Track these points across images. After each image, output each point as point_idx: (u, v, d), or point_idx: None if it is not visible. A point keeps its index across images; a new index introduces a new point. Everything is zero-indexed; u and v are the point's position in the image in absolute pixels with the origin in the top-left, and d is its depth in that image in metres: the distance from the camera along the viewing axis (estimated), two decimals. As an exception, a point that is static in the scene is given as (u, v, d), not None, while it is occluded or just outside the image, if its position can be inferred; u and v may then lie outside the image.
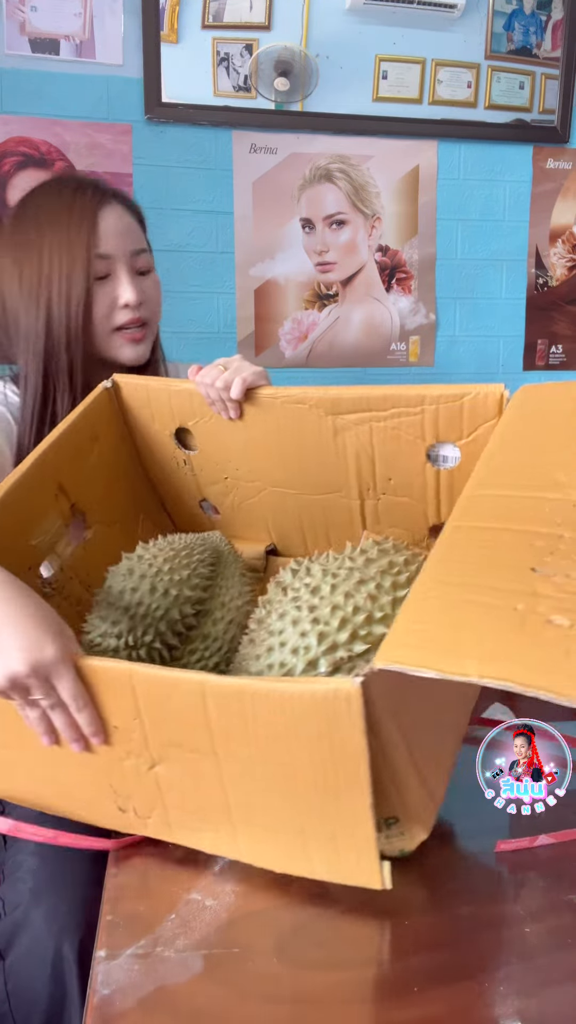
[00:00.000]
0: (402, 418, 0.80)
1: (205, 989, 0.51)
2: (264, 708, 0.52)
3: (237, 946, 0.54)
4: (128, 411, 0.94)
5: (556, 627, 0.45)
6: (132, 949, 0.54)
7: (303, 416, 0.84)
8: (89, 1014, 0.49)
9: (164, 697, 0.56)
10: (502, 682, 0.43)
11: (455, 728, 0.68)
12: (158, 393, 0.91)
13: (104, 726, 0.60)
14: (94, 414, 0.90)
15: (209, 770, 0.57)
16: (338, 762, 0.52)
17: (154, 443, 0.95)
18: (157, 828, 0.63)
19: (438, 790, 0.62)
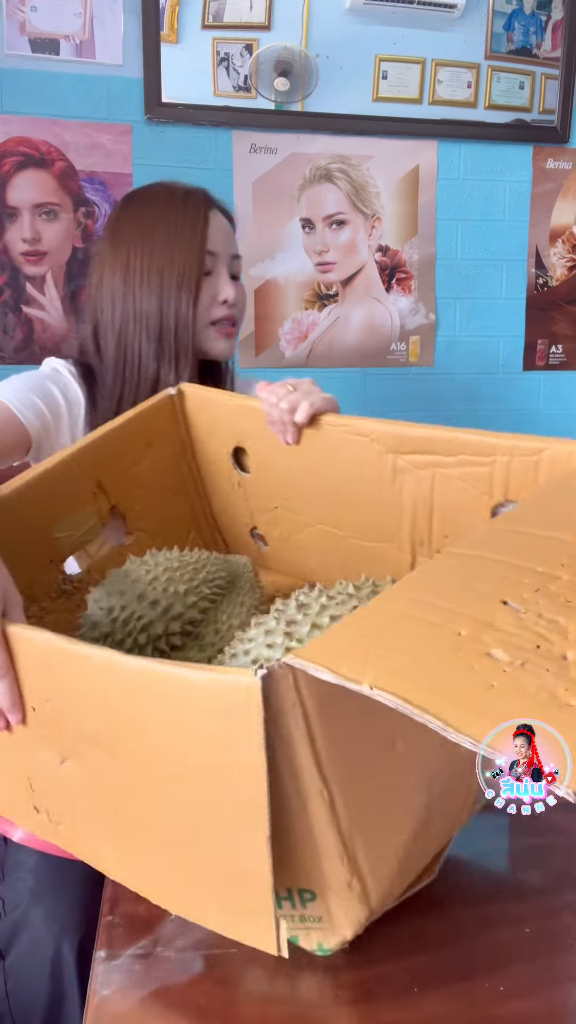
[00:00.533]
0: (469, 468, 0.71)
1: (205, 989, 0.51)
2: (163, 695, 0.46)
3: (237, 946, 0.54)
4: (190, 423, 0.90)
5: (491, 660, 0.40)
6: (132, 949, 0.54)
7: (362, 450, 0.78)
8: (89, 1014, 0.49)
9: (74, 676, 0.50)
10: (391, 697, 0.38)
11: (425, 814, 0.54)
12: (221, 407, 0.87)
13: (22, 704, 0.54)
14: (151, 419, 0.87)
15: (110, 774, 0.51)
16: (236, 778, 0.45)
17: (212, 460, 0.91)
18: (67, 838, 0.57)
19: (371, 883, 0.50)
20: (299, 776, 0.46)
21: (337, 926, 0.51)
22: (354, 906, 0.50)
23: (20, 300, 1.66)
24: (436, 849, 0.58)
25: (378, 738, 0.49)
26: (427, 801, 0.54)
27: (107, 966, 0.53)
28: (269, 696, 0.43)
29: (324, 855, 0.48)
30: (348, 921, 0.51)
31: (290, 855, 0.48)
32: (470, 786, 0.58)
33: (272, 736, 0.44)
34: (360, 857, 0.49)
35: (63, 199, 1.65)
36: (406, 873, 0.54)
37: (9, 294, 1.65)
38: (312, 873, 0.49)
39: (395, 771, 0.51)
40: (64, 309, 1.68)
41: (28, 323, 1.67)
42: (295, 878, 0.49)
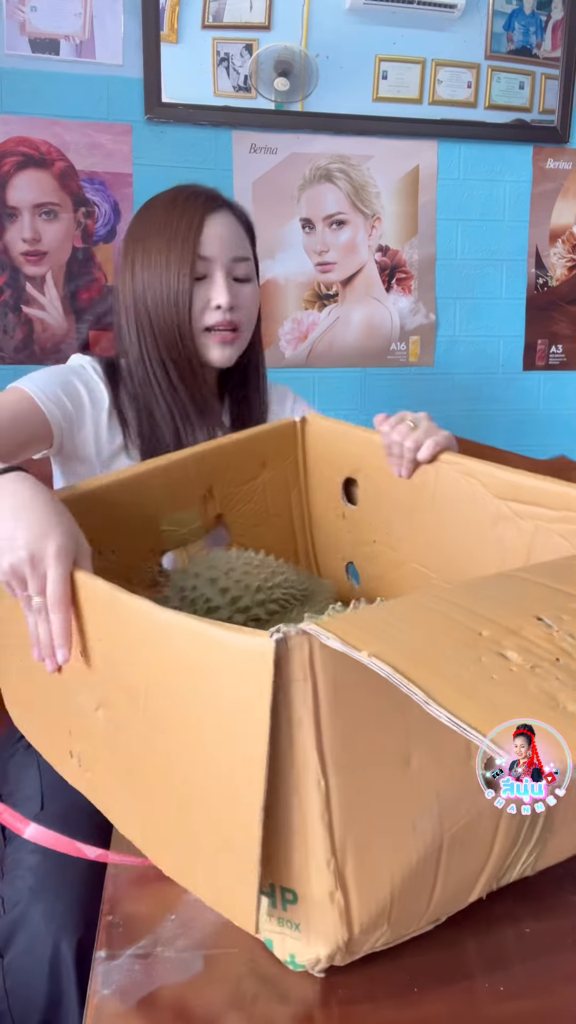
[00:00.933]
0: (572, 525, 0.69)
1: (205, 989, 0.51)
2: (189, 648, 0.48)
3: (237, 946, 0.54)
4: (308, 450, 0.93)
5: (502, 658, 0.40)
6: (132, 949, 0.54)
7: (470, 491, 0.77)
8: (89, 1014, 0.49)
9: (122, 622, 0.53)
10: (384, 666, 0.38)
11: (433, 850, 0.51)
12: (340, 437, 0.89)
13: (70, 642, 0.58)
14: (271, 440, 0.90)
15: (134, 727, 0.52)
16: (238, 740, 0.45)
17: (322, 489, 0.93)
18: (91, 787, 0.58)
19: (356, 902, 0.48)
20: (298, 756, 0.46)
21: (313, 940, 0.49)
22: (333, 922, 0.48)
23: (20, 300, 1.66)
24: (437, 912, 0.54)
25: (392, 748, 0.48)
26: (436, 836, 0.50)
27: (107, 966, 0.53)
28: (281, 662, 0.43)
29: (311, 853, 0.47)
30: (325, 938, 0.48)
31: (278, 841, 0.48)
32: (491, 851, 0.54)
33: (279, 705, 0.44)
34: (349, 868, 0.47)
35: (63, 199, 1.65)
36: (398, 915, 0.50)
37: (9, 294, 1.65)
38: (297, 870, 0.48)
39: (404, 789, 0.49)
40: (64, 309, 1.68)
41: (28, 323, 1.67)
42: (279, 870, 0.49)
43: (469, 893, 0.55)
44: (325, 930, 0.48)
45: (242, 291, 1.07)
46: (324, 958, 0.49)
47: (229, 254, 1.05)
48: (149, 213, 1.08)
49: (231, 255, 1.05)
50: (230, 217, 1.07)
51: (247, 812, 0.45)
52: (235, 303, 1.04)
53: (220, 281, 1.04)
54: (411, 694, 0.37)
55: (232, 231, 1.06)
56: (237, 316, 1.06)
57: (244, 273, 1.07)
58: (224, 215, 1.06)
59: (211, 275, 1.04)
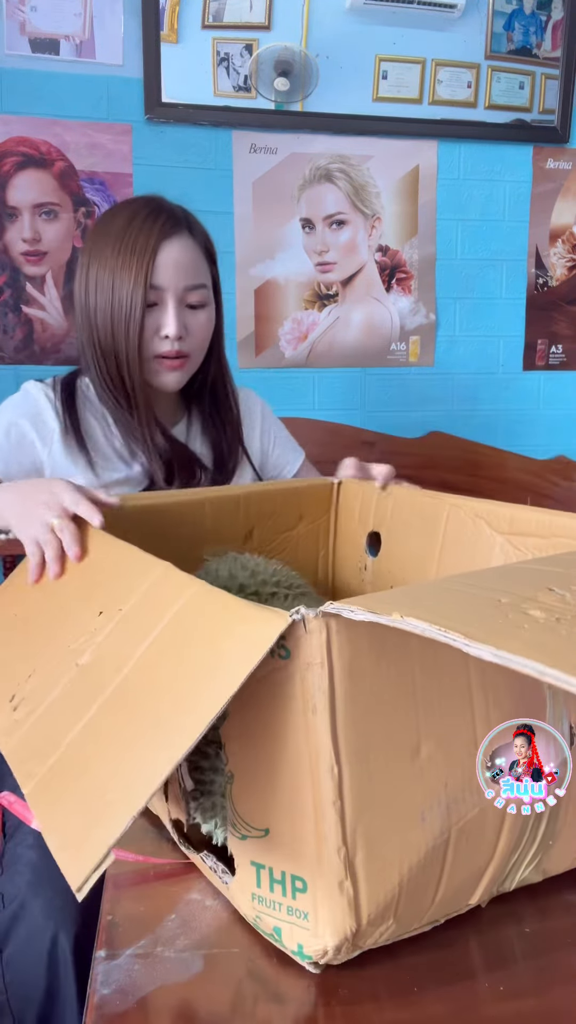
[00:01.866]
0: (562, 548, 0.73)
1: (205, 989, 0.51)
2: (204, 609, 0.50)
3: (237, 946, 0.54)
4: (340, 509, 0.99)
5: (527, 616, 0.41)
6: (132, 949, 0.54)
7: (476, 531, 0.82)
8: (89, 1014, 0.49)
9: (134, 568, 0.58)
10: (418, 623, 0.39)
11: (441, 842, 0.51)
12: (371, 495, 0.94)
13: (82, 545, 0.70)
14: (309, 496, 0.96)
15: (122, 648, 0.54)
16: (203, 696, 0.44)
17: (348, 542, 0.98)
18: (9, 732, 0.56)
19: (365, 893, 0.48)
20: (313, 743, 0.47)
21: (321, 930, 0.49)
22: (341, 912, 0.48)
23: (20, 300, 1.66)
24: (440, 910, 0.54)
25: (402, 737, 0.49)
26: (444, 828, 0.51)
27: (107, 966, 0.53)
28: (300, 645, 0.45)
29: (322, 841, 0.47)
30: (333, 929, 0.49)
31: (292, 825, 0.48)
32: (495, 848, 0.54)
33: (295, 691, 0.46)
34: (359, 858, 0.48)
35: (63, 199, 1.65)
36: (404, 908, 0.51)
37: (9, 294, 1.65)
38: (308, 858, 0.48)
39: (414, 779, 0.50)
40: (64, 309, 1.68)
41: (28, 323, 1.67)
42: (290, 857, 0.49)
43: (471, 893, 0.55)
44: (333, 920, 0.49)
45: (194, 319, 1.05)
46: (331, 949, 0.49)
47: (183, 282, 1.02)
48: (107, 228, 1.04)
49: (185, 283, 1.02)
50: (188, 241, 1.03)
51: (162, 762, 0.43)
52: (182, 333, 1.03)
53: (171, 310, 1.02)
54: (450, 640, 0.38)
55: (189, 257, 1.03)
56: (186, 345, 1.04)
57: (198, 300, 1.04)
58: (182, 240, 1.03)
59: (163, 303, 1.02)
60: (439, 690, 0.50)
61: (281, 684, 0.47)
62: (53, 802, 0.48)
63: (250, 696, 0.48)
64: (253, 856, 0.52)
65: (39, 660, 0.61)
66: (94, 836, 0.43)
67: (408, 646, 0.48)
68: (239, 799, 0.52)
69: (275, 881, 0.51)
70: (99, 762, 0.48)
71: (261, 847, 0.51)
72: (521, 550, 0.78)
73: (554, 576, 0.49)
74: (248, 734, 0.51)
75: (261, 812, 0.51)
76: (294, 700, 0.47)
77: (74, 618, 0.62)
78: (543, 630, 0.39)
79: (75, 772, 0.49)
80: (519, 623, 0.40)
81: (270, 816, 0.50)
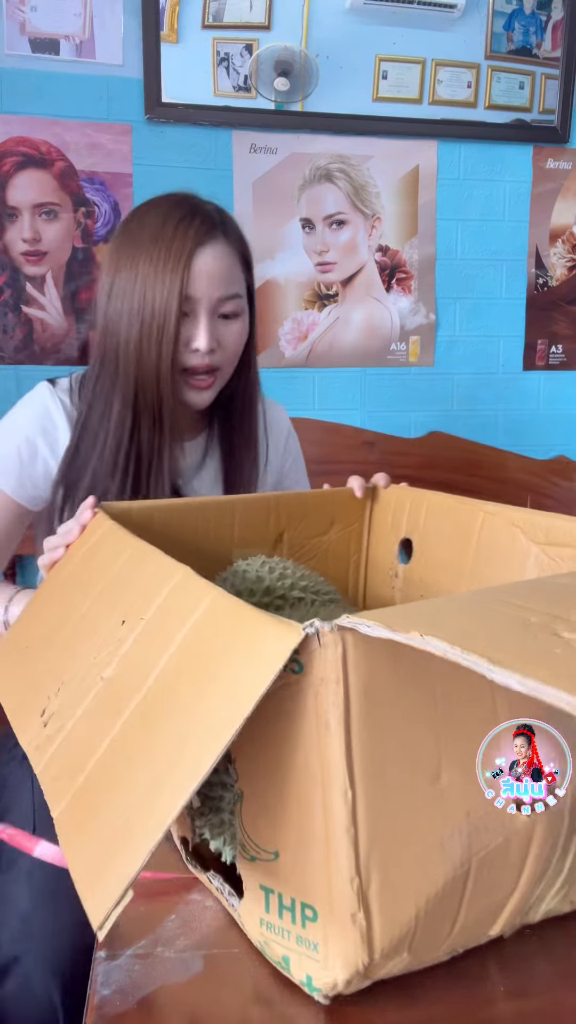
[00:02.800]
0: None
1: (205, 989, 0.51)
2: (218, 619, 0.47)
3: (237, 946, 0.54)
4: (374, 515, 0.96)
5: (559, 638, 0.38)
6: (132, 949, 0.54)
7: (511, 540, 0.78)
8: (89, 1014, 0.49)
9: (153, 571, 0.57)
10: (439, 643, 0.37)
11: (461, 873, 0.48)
12: (405, 499, 0.92)
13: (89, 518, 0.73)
14: (342, 501, 0.93)
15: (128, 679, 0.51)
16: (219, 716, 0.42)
17: (381, 550, 0.96)
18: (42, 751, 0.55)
19: (379, 925, 0.45)
20: (326, 764, 0.44)
21: (331, 962, 0.47)
22: (353, 944, 0.46)
23: (20, 300, 1.66)
24: (456, 942, 0.51)
25: (422, 761, 0.46)
26: (464, 859, 0.48)
27: (107, 966, 0.52)
28: (313, 660, 0.43)
29: (334, 869, 0.45)
30: (343, 960, 0.46)
31: (302, 850, 0.46)
32: (519, 879, 0.51)
33: (308, 708, 0.43)
34: (373, 889, 0.45)
35: (63, 199, 1.65)
36: (420, 941, 0.48)
37: (9, 294, 1.65)
38: (318, 885, 0.46)
39: (433, 806, 0.47)
40: (64, 309, 1.68)
41: (28, 323, 1.67)
42: (300, 884, 0.47)
43: (492, 924, 0.52)
44: (344, 953, 0.46)
45: (227, 330, 0.98)
46: (341, 982, 0.47)
47: (216, 293, 0.95)
48: (138, 231, 0.96)
49: (219, 294, 0.95)
50: (223, 248, 0.96)
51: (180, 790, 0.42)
52: (214, 345, 0.96)
53: (203, 323, 0.95)
54: (472, 664, 0.35)
55: (225, 265, 0.96)
56: (217, 358, 0.98)
57: (232, 310, 0.97)
58: (218, 246, 0.95)
59: (194, 314, 0.95)
60: (463, 712, 0.47)
61: (293, 699, 0.45)
62: (78, 829, 0.47)
63: (261, 710, 0.45)
64: (262, 880, 0.50)
65: (67, 674, 0.60)
66: (114, 870, 0.41)
67: (430, 663, 0.45)
68: (248, 818, 0.50)
69: (284, 907, 0.49)
70: (122, 785, 0.46)
71: (270, 871, 0.49)
72: (557, 561, 0.74)
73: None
74: (258, 751, 0.49)
75: (271, 834, 0.49)
76: (306, 717, 0.44)
77: (98, 629, 0.60)
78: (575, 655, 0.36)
79: (99, 796, 0.47)
80: (550, 646, 0.37)
81: (280, 839, 0.48)
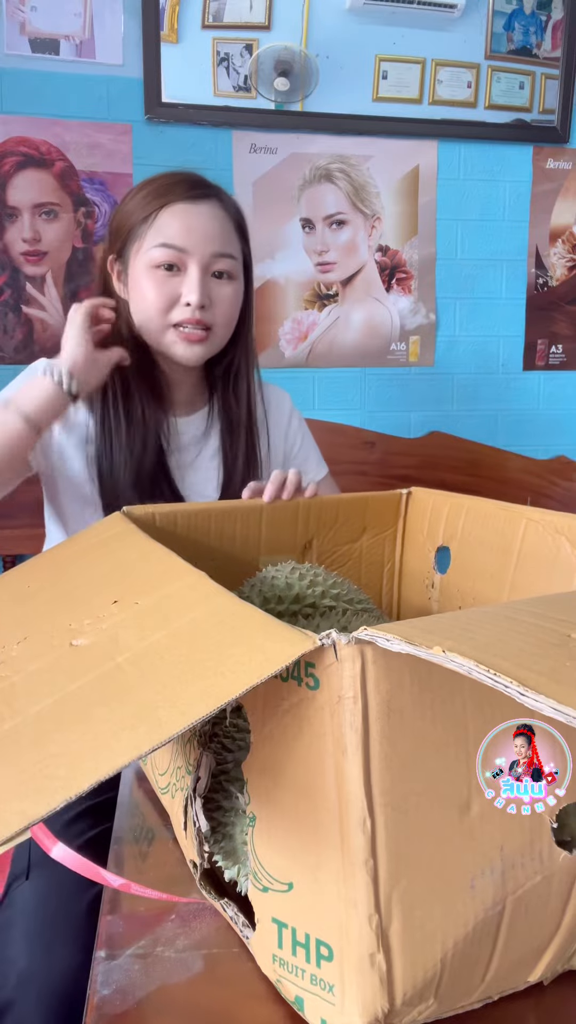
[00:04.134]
0: None
1: (205, 989, 0.51)
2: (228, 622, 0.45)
3: (237, 946, 0.54)
4: (408, 521, 0.93)
5: None
6: (132, 949, 0.54)
7: (556, 548, 0.74)
8: (89, 1014, 0.49)
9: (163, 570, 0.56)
10: (464, 661, 0.34)
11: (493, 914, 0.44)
12: (442, 506, 0.89)
13: None
14: (375, 508, 0.91)
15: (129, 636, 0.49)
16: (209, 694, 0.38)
17: (416, 557, 0.93)
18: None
19: (400, 968, 0.41)
20: (344, 791, 0.40)
21: (348, 1007, 0.42)
22: (372, 988, 0.41)
23: (20, 300, 1.66)
24: (491, 989, 0.46)
25: (449, 789, 0.42)
26: (498, 899, 0.44)
27: (107, 966, 0.52)
28: (330, 675, 0.39)
29: (352, 904, 0.41)
30: (362, 1007, 0.42)
31: (318, 882, 0.42)
32: (560, 921, 0.46)
33: (323, 727, 0.40)
34: (394, 927, 0.41)
35: (63, 199, 1.65)
36: (447, 987, 0.43)
37: (9, 294, 1.65)
38: (334, 920, 0.42)
39: (462, 839, 0.43)
40: (64, 309, 1.68)
41: (28, 323, 1.67)
42: (316, 918, 0.43)
43: (530, 970, 0.47)
44: (363, 997, 0.42)
45: (220, 290, 0.99)
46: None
47: (209, 249, 0.98)
48: (134, 192, 1.04)
49: (211, 250, 0.98)
50: (217, 210, 1.00)
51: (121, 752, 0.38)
52: (205, 301, 0.97)
53: (194, 276, 0.97)
54: (500, 686, 0.32)
55: (218, 223, 0.99)
56: (209, 315, 0.99)
57: (225, 269, 0.99)
58: (210, 207, 0.99)
59: (186, 268, 0.97)
60: None
61: (309, 719, 0.42)
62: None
63: (275, 729, 0.44)
64: (275, 912, 0.46)
65: (34, 631, 0.56)
66: (16, 807, 0.36)
67: (459, 680, 0.41)
68: (261, 846, 0.47)
69: (298, 944, 0.45)
70: (53, 738, 0.41)
71: (284, 903, 0.45)
72: None
73: None
74: (272, 773, 0.45)
75: (284, 863, 0.45)
76: (323, 739, 0.41)
77: (85, 602, 0.57)
78: None
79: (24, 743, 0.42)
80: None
81: (294, 869, 0.44)
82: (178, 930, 0.55)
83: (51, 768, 0.38)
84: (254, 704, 0.46)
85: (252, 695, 0.43)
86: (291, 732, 0.43)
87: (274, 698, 0.44)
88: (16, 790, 0.37)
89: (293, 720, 0.43)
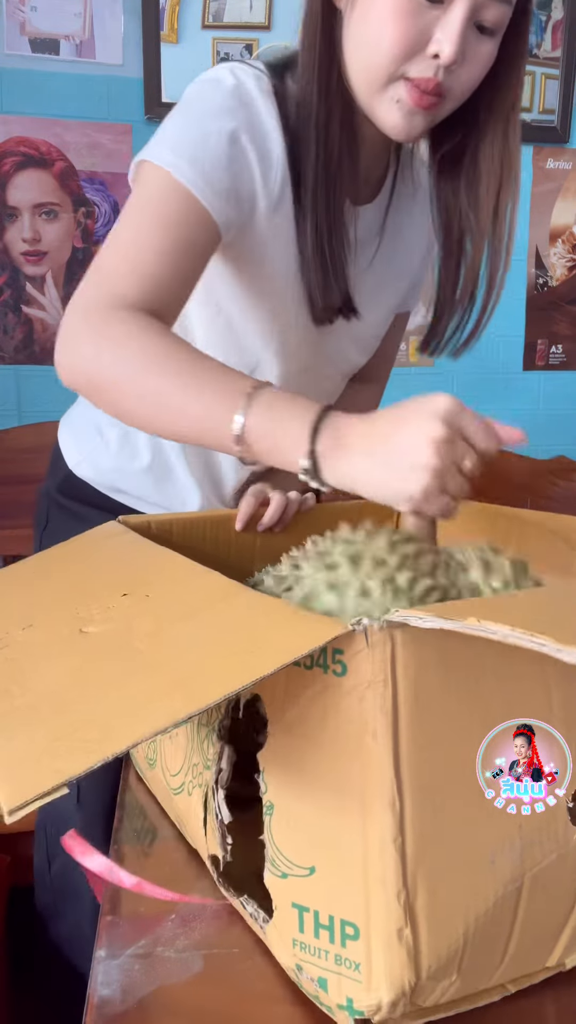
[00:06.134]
0: None
1: (205, 989, 0.51)
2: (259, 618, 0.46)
3: (237, 946, 0.54)
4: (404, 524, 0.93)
5: None
6: (132, 949, 0.54)
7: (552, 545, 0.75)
8: (89, 1014, 0.49)
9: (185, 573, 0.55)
10: (498, 627, 0.35)
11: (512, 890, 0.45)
12: (477, 516, 0.86)
13: None
14: (367, 513, 0.86)
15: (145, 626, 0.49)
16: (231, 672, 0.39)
17: None
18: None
19: (427, 942, 0.43)
20: (372, 773, 0.42)
21: (376, 982, 0.43)
22: (400, 963, 0.42)
23: (20, 300, 1.66)
24: (510, 971, 0.48)
25: (473, 770, 0.44)
26: (516, 875, 0.46)
27: (107, 966, 0.52)
28: (360, 659, 0.40)
29: (379, 882, 0.42)
30: (389, 980, 0.43)
31: (342, 864, 0.43)
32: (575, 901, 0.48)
33: (352, 712, 0.41)
34: (420, 903, 0.42)
35: (63, 199, 1.65)
36: (469, 962, 0.45)
37: (9, 294, 1.65)
38: (360, 900, 0.43)
39: (484, 817, 0.44)
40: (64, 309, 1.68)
41: (28, 323, 1.67)
42: (340, 900, 0.45)
43: (548, 951, 0.49)
44: (390, 972, 0.43)
45: (478, 48, 0.70)
46: (386, 1005, 0.43)
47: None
48: None
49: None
50: None
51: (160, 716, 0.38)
52: (459, 58, 0.69)
53: (458, 18, 0.67)
54: (537, 646, 0.33)
55: None
56: (452, 81, 0.71)
57: (493, 21, 0.70)
58: None
59: (448, 9, 0.68)
60: (517, 717, 0.45)
61: (335, 705, 0.42)
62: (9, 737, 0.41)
63: (296, 717, 0.44)
64: (295, 897, 0.47)
65: (38, 618, 0.55)
66: (50, 766, 0.36)
67: (483, 665, 0.43)
68: (279, 832, 0.48)
69: (321, 926, 0.45)
70: (76, 708, 0.41)
71: (305, 887, 0.46)
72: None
73: None
74: (292, 760, 0.46)
75: (306, 848, 0.46)
76: (350, 724, 0.42)
77: (91, 594, 0.57)
78: None
79: (46, 713, 0.42)
80: None
81: (316, 853, 0.45)
82: (178, 930, 0.55)
83: (82, 732, 0.38)
84: (273, 694, 0.46)
85: (271, 684, 0.44)
86: (314, 719, 0.44)
87: (296, 686, 0.44)
88: (48, 749, 0.38)
89: (317, 707, 0.43)
